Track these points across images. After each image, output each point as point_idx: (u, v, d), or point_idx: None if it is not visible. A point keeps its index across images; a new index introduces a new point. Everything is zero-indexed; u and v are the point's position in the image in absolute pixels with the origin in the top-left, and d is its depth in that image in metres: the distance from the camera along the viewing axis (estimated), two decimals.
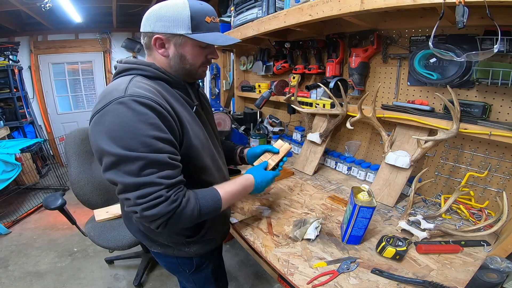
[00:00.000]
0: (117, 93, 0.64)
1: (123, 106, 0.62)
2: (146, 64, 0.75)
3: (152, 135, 0.63)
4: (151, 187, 0.62)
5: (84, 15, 3.41)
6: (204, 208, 0.72)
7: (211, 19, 0.75)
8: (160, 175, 0.63)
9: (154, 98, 0.66)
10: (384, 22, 1.23)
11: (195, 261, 0.94)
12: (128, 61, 0.77)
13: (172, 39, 0.73)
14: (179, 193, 0.67)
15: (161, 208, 0.63)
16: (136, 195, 0.62)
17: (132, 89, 0.65)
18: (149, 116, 0.63)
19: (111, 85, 0.70)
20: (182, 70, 0.78)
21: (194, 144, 0.75)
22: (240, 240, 1.06)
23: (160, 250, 0.91)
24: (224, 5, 2.58)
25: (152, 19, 0.73)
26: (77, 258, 2.17)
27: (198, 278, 1.01)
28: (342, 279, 0.76)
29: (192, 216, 0.69)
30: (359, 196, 0.86)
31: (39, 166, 3.58)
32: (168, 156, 0.65)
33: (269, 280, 1.93)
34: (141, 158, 0.61)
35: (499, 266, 0.69)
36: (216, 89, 2.07)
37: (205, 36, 0.73)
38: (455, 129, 0.95)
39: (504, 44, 0.86)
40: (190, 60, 0.77)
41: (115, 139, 0.61)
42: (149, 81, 0.73)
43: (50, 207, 1.37)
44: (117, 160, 0.61)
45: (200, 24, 0.72)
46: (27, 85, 3.86)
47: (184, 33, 0.72)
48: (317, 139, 1.49)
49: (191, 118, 0.78)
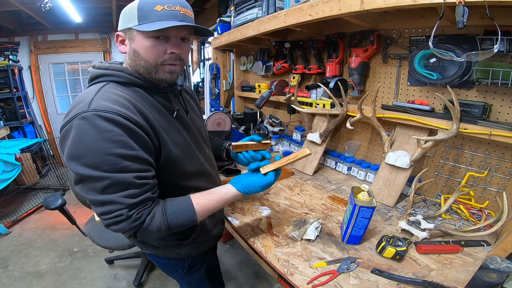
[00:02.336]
0: (82, 106, 0.60)
1: (85, 122, 0.58)
2: (119, 69, 0.70)
3: (117, 153, 0.59)
4: (112, 205, 0.61)
5: (84, 15, 3.42)
6: (173, 224, 0.69)
7: (163, 7, 0.66)
8: (122, 194, 0.61)
9: (121, 112, 0.61)
10: (384, 22, 1.23)
11: (187, 262, 0.93)
12: (100, 66, 0.73)
13: (127, 34, 0.70)
14: (143, 211, 0.65)
15: (123, 226, 0.63)
16: (100, 211, 0.63)
17: (98, 102, 0.61)
18: (114, 133, 0.59)
19: (80, 96, 0.66)
20: (139, 67, 0.71)
21: (173, 153, 0.72)
22: (240, 240, 1.06)
23: (151, 251, 0.90)
24: (224, 5, 2.58)
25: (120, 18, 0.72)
26: (77, 258, 2.17)
27: (191, 279, 1.00)
28: (342, 279, 0.76)
29: (160, 231, 0.68)
30: (359, 196, 0.86)
31: (39, 166, 3.58)
32: (134, 175, 0.62)
33: (269, 280, 1.93)
34: (105, 178, 0.59)
35: (499, 266, 0.69)
36: (216, 89, 2.06)
37: (148, 25, 0.65)
38: (455, 129, 0.95)
39: (504, 44, 0.86)
40: (143, 54, 0.69)
41: (79, 157, 0.59)
42: (122, 88, 0.69)
43: (50, 207, 1.37)
44: (81, 179, 0.60)
45: (147, 14, 0.65)
46: (27, 85, 3.87)
47: (132, 25, 0.67)
48: (317, 139, 1.49)
49: (169, 125, 0.74)
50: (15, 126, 3.55)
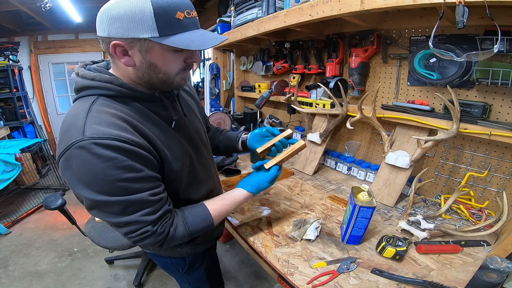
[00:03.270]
0: (75, 133, 0.55)
1: (85, 152, 0.54)
2: (107, 81, 0.62)
3: (126, 178, 0.57)
4: (136, 225, 0.62)
5: (84, 15, 3.42)
6: (194, 230, 0.72)
7: (184, 14, 0.58)
8: (142, 213, 0.61)
9: (120, 137, 0.56)
10: (384, 22, 1.23)
11: (188, 260, 0.94)
12: (85, 75, 0.63)
13: (136, 44, 0.58)
14: (166, 224, 0.66)
15: (150, 241, 0.65)
16: (125, 232, 0.63)
17: (92, 127, 0.55)
18: (118, 159, 0.56)
19: (69, 116, 0.61)
20: (155, 79, 0.64)
21: (174, 168, 0.71)
22: (240, 240, 1.06)
23: (153, 250, 0.91)
24: (224, 5, 2.58)
25: (106, 21, 0.57)
26: (77, 258, 2.17)
27: (192, 278, 1.01)
28: (342, 279, 0.76)
29: (184, 239, 0.71)
30: (359, 196, 0.86)
31: (39, 166, 3.58)
32: (149, 193, 0.62)
33: (269, 280, 1.93)
34: (121, 202, 0.59)
35: (499, 266, 0.69)
36: (216, 89, 2.07)
37: (178, 38, 0.57)
38: (455, 129, 0.95)
39: (504, 44, 0.86)
40: (163, 68, 0.62)
41: (89, 185, 0.56)
42: (114, 104, 0.62)
43: (50, 207, 1.37)
44: (97, 205, 0.59)
45: (169, 23, 0.56)
46: (27, 85, 3.87)
47: (149, 36, 0.56)
48: (317, 139, 1.49)
49: (168, 138, 0.70)
50: (15, 126, 3.56)
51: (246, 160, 1.74)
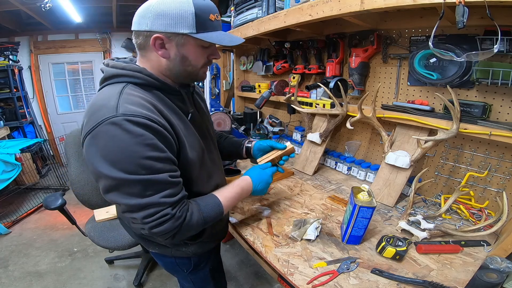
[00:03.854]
0: (107, 111, 0.59)
1: (116, 127, 0.58)
2: (137, 70, 0.69)
3: (151, 156, 0.60)
4: (156, 207, 0.62)
5: (84, 15, 3.42)
6: (208, 217, 0.74)
7: (215, 17, 0.69)
8: (163, 195, 0.63)
9: (149, 116, 0.61)
10: (384, 22, 1.23)
11: (193, 260, 0.94)
12: (116, 65, 0.70)
13: (174, 38, 0.67)
14: (183, 208, 0.68)
15: (168, 225, 0.64)
16: (142, 215, 0.62)
17: (124, 106, 0.60)
18: (146, 136, 0.60)
19: (99, 99, 0.64)
20: (183, 72, 0.73)
21: (189, 157, 0.74)
22: (240, 240, 1.06)
23: (158, 250, 0.91)
24: (224, 5, 2.58)
25: (150, 16, 0.65)
26: (77, 258, 2.17)
27: (196, 278, 1.01)
28: (342, 279, 0.76)
29: (198, 227, 0.72)
30: (359, 196, 0.86)
31: (39, 166, 3.58)
32: (169, 175, 0.64)
33: (269, 280, 1.93)
34: (142, 181, 0.60)
35: (499, 266, 0.69)
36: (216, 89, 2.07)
37: (210, 35, 0.68)
38: (455, 129, 0.95)
39: (504, 44, 0.86)
40: (193, 61, 0.72)
41: (113, 162, 0.59)
42: (141, 91, 0.68)
43: (50, 207, 1.37)
44: (118, 184, 0.60)
45: (204, 23, 0.67)
46: (27, 85, 3.86)
47: (188, 32, 0.65)
48: (317, 139, 1.49)
49: (186, 128, 0.75)
50: (15, 126, 3.55)
51: (246, 160, 1.74)
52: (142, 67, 0.71)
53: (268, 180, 0.94)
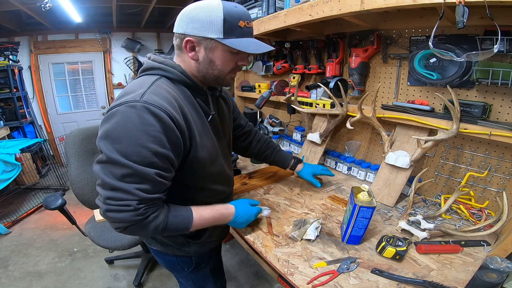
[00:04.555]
0: (134, 95, 0.64)
1: (133, 110, 0.61)
2: (172, 66, 0.73)
3: (150, 147, 0.62)
4: (124, 194, 0.62)
5: (84, 15, 3.41)
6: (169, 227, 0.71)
7: (245, 24, 0.70)
8: (139, 187, 0.62)
9: (167, 110, 0.64)
10: (384, 22, 1.23)
11: (194, 260, 0.94)
12: (156, 59, 0.75)
13: (203, 42, 0.70)
14: (150, 209, 0.66)
15: (125, 216, 0.63)
16: (107, 195, 0.62)
17: (149, 95, 0.64)
18: (154, 127, 0.62)
19: (134, 84, 0.70)
20: (210, 75, 0.76)
21: (200, 156, 0.75)
22: (240, 240, 1.06)
23: (160, 248, 0.91)
24: None
25: (185, 21, 0.70)
26: (77, 258, 2.17)
27: (196, 277, 1.01)
28: (342, 279, 0.76)
29: (155, 231, 0.69)
30: (359, 196, 0.86)
31: (39, 166, 3.58)
32: (156, 172, 0.64)
33: (269, 280, 1.93)
34: (128, 167, 0.61)
35: (499, 266, 0.69)
36: None
37: (237, 42, 0.70)
38: (455, 129, 0.95)
39: (504, 44, 0.86)
40: (220, 66, 0.74)
41: (113, 140, 0.61)
42: (172, 85, 0.72)
43: (50, 207, 1.37)
44: (107, 160, 0.62)
45: (233, 29, 0.69)
46: (27, 85, 3.86)
47: (216, 37, 0.68)
48: (317, 139, 1.49)
49: (203, 128, 0.77)
50: (15, 126, 3.55)
51: (246, 160, 1.75)
52: (178, 64, 0.75)
53: (250, 218, 0.93)
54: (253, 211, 0.94)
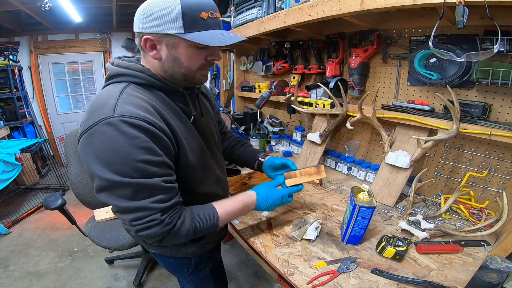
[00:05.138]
0: (106, 110, 0.59)
1: (112, 128, 0.57)
2: (140, 70, 0.68)
3: (145, 159, 0.59)
4: (145, 211, 0.61)
5: (84, 15, 3.41)
6: (200, 228, 0.71)
7: (208, 15, 0.64)
8: (154, 200, 0.62)
9: (147, 118, 0.60)
10: (384, 22, 1.23)
11: (194, 260, 0.94)
12: (120, 64, 0.70)
13: (164, 39, 0.65)
14: (174, 215, 0.66)
15: (155, 230, 0.63)
16: (131, 218, 0.62)
17: (122, 106, 0.60)
18: (141, 139, 0.59)
19: (101, 97, 0.64)
20: (177, 74, 0.70)
21: (190, 161, 0.73)
22: (240, 240, 1.06)
23: (158, 250, 0.91)
24: (224, 5, 2.58)
25: (141, 18, 0.65)
26: (77, 258, 2.17)
27: (197, 278, 1.00)
28: (342, 279, 0.76)
29: (188, 235, 0.69)
30: (359, 196, 0.86)
31: (39, 166, 3.58)
32: (162, 179, 0.63)
33: (269, 280, 1.93)
34: (134, 184, 0.59)
35: (499, 266, 0.69)
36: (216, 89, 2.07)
37: (200, 35, 0.64)
38: (455, 129, 0.95)
39: (504, 44, 0.86)
40: (185, 63, 0.68)
41: (106, 163, 0.58)
42: (143, 91, 0.67)
43: (50, 207, 1.37)
44: (109, 185, 0.59)
45: (194, 21, 0.63)
46: (27, 85, 3.86)
47: (176, 32, 0.63)
48: (317, 139, 1.49)
49: (187, 131, 0.74)
50: (15, 126, 3.55)
51: None
52: (146, 67, 0.70)
53: (275, 201, 0.87)
54: (276, 195, 0.87)
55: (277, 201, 0.87)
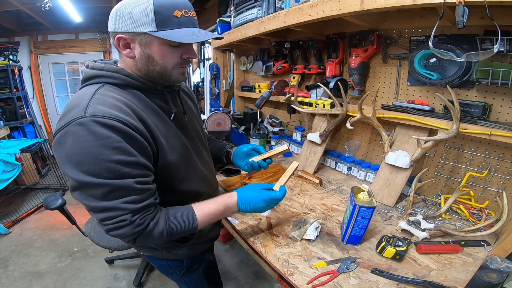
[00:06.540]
0: (77, 111, 0.58)
1: (82, 128, 0.56)
2: (115, 71, 0.68)
3: (116, 160, 0.58)
4: (115, 211, 0.61)
5: (84, 15, 3.42)
6: (175, 230, 0.70)
7: (181, 13, 0.64)
8: (125, 200, 0.61)
9: (119, 117, 0.59)
10: (384, 22, 1.23)
11: (186, 262, 0.93)
12: (94, 66, 0.69)
13: (137, 38, 0.65)
14: (146, 216, 0.65)
15: (125, 231, 0.62)
16: (101, 217, 0.61)
17: (94, 107, 0.59)
18: (112, 139, 0.58)
19: (74, 99, 0.63)
20: (152, 72, 0.70)
21: (170, 159, 0.72)
22: (240, 240, 1.06)
23: (149, 253, 0.90)
24: (224, 5, 2.58)
25: (114, 18, 0.66)
26: (77, 258, 2.17)
27: (190, 280, 1.00)
28: (342, 279, 0.76)
29: (162, 237, 0.68)
30: (359, 196, 0.86)
31: (39, 166, 3.58)
32: (135, 180, 0.61)
33: (269, 280, 1.93)
34: (105, 185, 0.58)
35: (499, 266, 0.69)
36: (216, 89, 2.06)
37: (172, 33, 0.64)
38: (455, 129, 0.95)
39: (504, 44, 0.86)
40: (159, 61, 0.68)
41: (77, 164, 0.57)
42: (119, 91, 0.67)
43: (50, 207, 1.37)
44: (80, 185, 0.59)
45: (167, 20, 0.63)
46: (27, 85, 3.87)
47: (148, 30, 0.63)
48: (317, 139, 1.49)
49: (167, 129, 0.73)
50: (15, 126, 3.56)
51: None
52: (121, 67, 0.70)
53: (258, 203, 0.80)
54: (262, 196, 0.80)
55: (260, 204, 0.80)
